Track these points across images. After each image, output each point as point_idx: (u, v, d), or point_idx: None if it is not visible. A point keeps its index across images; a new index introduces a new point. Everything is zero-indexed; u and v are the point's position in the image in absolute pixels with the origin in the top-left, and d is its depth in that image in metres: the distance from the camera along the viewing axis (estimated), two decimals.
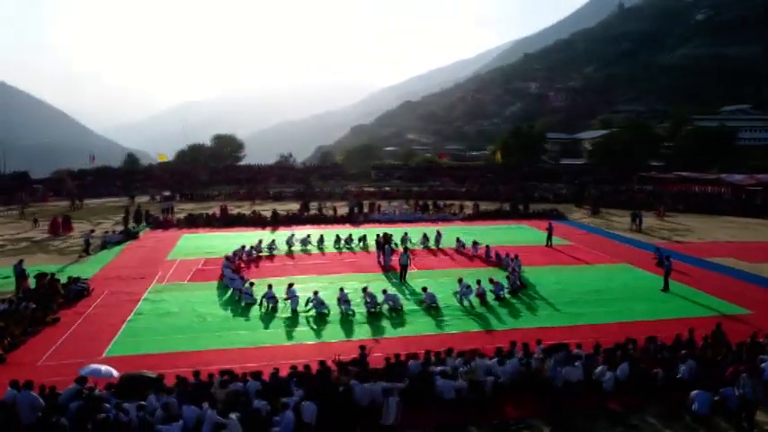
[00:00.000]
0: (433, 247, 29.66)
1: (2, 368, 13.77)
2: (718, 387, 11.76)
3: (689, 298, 20.37)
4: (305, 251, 28.65)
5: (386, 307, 18.43)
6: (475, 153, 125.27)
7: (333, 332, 16.90)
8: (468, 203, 46.85)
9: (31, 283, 20.64)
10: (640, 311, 18.75)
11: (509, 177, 67.68)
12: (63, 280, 20.62)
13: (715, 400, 11.54)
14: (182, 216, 38.94)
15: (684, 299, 20.27)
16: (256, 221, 37.06)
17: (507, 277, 21.46)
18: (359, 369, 12.54)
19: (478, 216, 41.59)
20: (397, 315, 18.13)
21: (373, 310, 18.10)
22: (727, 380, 12.22)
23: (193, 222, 36.60)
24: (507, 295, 20.27)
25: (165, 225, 36.16)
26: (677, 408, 11.82)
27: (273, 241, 28.51)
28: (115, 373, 12.40)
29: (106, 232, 31.84)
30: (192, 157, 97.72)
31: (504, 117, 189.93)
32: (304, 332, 16.95)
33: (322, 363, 12.70)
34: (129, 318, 18.01)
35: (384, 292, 19.05)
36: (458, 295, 19.42)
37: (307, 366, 12.48)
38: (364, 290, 19.03)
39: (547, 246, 30.05)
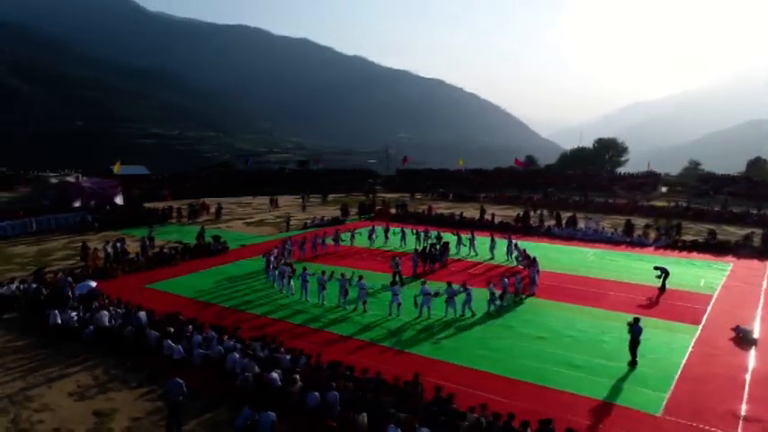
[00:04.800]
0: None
1: (116, 280, 24.97)
2: None
3: (631, 381, 15.10)
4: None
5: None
6: None
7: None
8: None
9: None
10: (524, 368, 15.72)
11: None
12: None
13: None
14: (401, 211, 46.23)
15: (622, 379, 15.08)
16: (442, 221, 40.80)
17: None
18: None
19: (702, 247, 32.78)
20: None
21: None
22: None
23: (396, 217, 43.43)
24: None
25: (376, 217, 44.33)
26: None
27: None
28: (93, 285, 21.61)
29: (316, 218, 42.54)
30: (572, 161, 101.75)
31: None
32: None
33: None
34: (204, 269, 27.23)
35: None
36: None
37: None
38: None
39: (659, 290, 23.64)
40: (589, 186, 63.68)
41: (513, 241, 29.76)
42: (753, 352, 16.92)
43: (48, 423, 12.68)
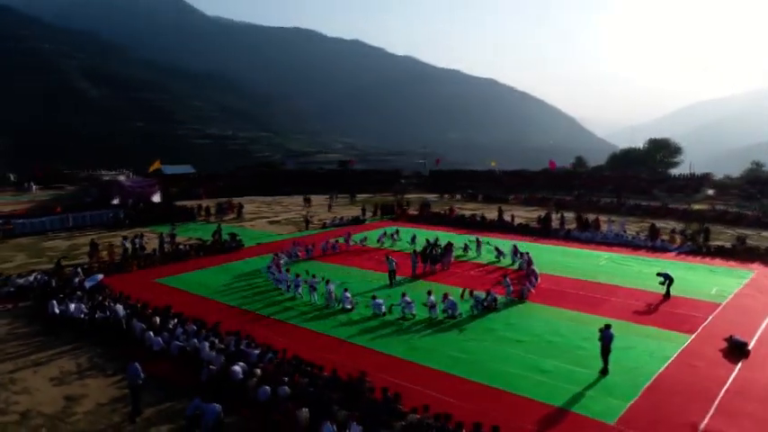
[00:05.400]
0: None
1: (130, 274, 26.54)
2: None
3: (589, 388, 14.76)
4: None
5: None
6: None
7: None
8: None
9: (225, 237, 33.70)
10: (491, 372, 15.63)
11: None
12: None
13: None
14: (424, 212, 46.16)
15: (587, 387, 14.74)
16: (462, 223, 40.59)
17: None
18: None
19: (728, 253, 31.14)
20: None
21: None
22: None
23: (417, 218, 43.45)
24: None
25: (397, 217, 44.51)
26: None
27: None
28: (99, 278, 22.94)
29: (336, 218, 43.08)
30: (622, 162, 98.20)
31: None
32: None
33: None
34: (213, 266, 28.27)
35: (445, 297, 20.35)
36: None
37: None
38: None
39: (663, 297, 22.79)
40: (627, 188, 61.53)
41: (517, 246, 29.29)
42: (740, 364, 16.09)
43: (22, 405, 13.68)
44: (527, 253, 27.33)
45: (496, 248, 29.80)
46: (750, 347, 17.10)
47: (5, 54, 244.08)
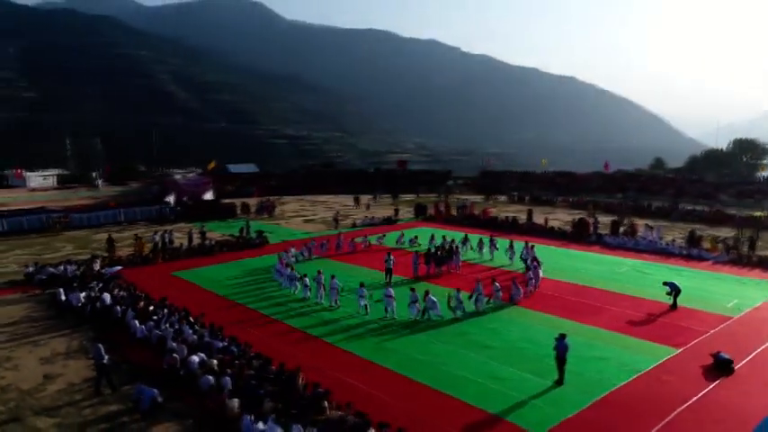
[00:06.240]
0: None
1: (154, 266, 28.54)
2: None
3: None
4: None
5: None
6: None
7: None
8: None
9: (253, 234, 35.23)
10: (442, 375, 15.64)
11: None
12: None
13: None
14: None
15: (534, 396, 14.38)
16: (489, 225, 39.95)
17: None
18: None
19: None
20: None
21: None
22: None
23: (449, 219, 43.20)
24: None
25: (429, 218, 44.43)
26: None
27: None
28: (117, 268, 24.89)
29: (367, 217, 43.60)
30: (704, 163, 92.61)
31: None
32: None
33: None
34: (231, 261, 29.72)
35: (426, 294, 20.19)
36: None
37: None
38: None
39: (670, 307, 21.54)
40: (689, 193, 57.74)
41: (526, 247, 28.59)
42: (716, 382, 15.00)
43: (6, 380, 15.28)
44: (532, 252, 26.75)
45: (510, 247, 29.14)
46: (737, 366, 15.88)
47: (105, 59, 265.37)
